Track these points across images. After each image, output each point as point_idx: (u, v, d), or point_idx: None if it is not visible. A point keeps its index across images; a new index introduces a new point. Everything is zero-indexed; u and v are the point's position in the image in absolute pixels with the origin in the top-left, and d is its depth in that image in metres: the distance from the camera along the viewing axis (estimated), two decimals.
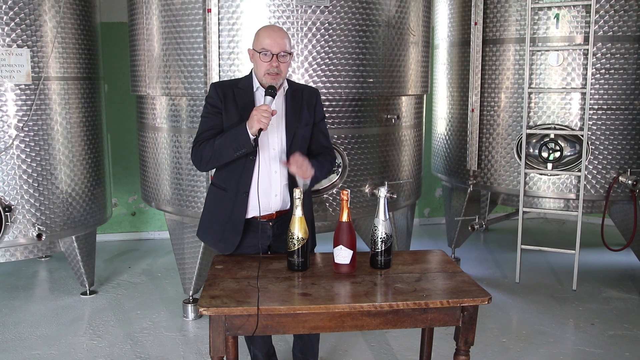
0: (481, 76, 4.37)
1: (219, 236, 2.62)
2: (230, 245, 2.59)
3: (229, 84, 2.60)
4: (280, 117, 2.55)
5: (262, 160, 2.51)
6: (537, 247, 4.58)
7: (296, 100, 2.59)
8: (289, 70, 2.57)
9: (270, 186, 2.55)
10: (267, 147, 2.53)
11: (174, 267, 4.67)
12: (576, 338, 3.58)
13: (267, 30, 2.50)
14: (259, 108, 2.34)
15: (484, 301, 2.12)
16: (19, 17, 3.60)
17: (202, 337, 3.59)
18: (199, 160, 2.52)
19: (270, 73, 2.44)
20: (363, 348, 3.44)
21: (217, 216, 2.62)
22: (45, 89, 3.78)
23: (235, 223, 2.56)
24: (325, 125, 2.73)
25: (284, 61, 2.46)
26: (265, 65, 2.45)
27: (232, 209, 2.56)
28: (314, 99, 2.65)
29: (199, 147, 2.50)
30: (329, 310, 2.07)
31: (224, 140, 2.43)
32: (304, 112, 2.59)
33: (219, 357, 2.13)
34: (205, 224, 2.69)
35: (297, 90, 2.63)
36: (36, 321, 3.83)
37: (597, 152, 4.10)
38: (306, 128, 2.60)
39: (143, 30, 3.75)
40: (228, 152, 2.42)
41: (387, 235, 2.36)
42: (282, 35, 2.47)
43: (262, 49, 2.44)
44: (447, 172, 4.85)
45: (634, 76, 4.02)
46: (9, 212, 3.68)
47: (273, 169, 2.55)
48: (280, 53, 2.44)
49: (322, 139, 2.68)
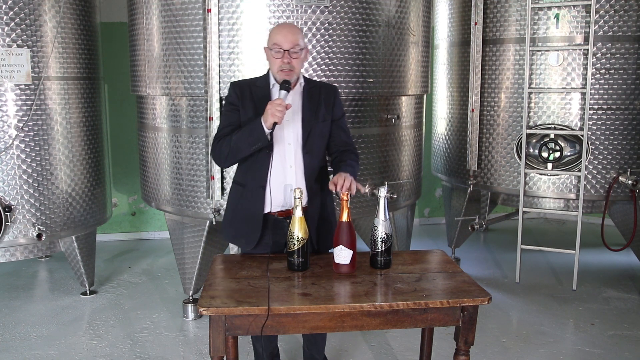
0: (481, 76, 4.37)
1: (239, 232, 2.65)
2: (250, 241, 2.61)
3: (246, 83, 2.65)
4: (297, 113, 2.56)
5: (277, 154, 2.53)
6: (537, 247, 4.58)
7: (313, 96, 2.60)
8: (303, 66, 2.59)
9: (285, 180, 2.56)
10: (282, 141, 2.54)
11: (174, 267, 4.67)
12: (576, 338, 3.58)
13: (279, 27, 2.53)
14: (273, 102, 2.37)
15: (484, 301, 2.12)
16: (19, 17, 3.60)
17: (202, 337, 3.59)
18: (218, 156, 2.57)
19: (283, 69, 2.47)
20: (363, 348, 3.44)
21: (237, 213, 2.65)
22: (45, 89, 3.78)
23: (253, 219, 2.59)
24: (345, 122, 2.73)
25: (296, 57, 2.47)
26: (277, 62, 2.47)
27: (250, 204, 2.59)
28: (332, 95, 2.66)
29: (218, 143, 2.55)
30: (329, 310, 2.07)
31: (241, 136, 2.47)
32: (321, 109, 2.60)
33: (219, 357, 2.13)
34: (228, 221, 2.72)
35: (315, 87, 2.64)
36: (36, 321, 3.83)
37: (597, 152, 4.10)
38: (324, 124, 2.61)
39: (143, 30, 3.75)
40: (245, 146, 2.46)
41: (387, 235, 2.36)
42: (293, 31, 2.49)
43: (273, 45, 2.47)
44: (447, 172, 4.85)
45: (634, 76, 4.01)
46: (9, 212, 3.68)
47: (288, 164, 2.56)
48: (291, 49, 2.45)
49: (343, 135, 2.69)
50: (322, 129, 2.61)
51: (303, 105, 2.58)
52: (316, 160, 2.59)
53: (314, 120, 2.57)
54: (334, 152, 2.67)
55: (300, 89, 2.60)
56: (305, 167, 2.56)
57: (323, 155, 2.67)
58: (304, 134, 2.56)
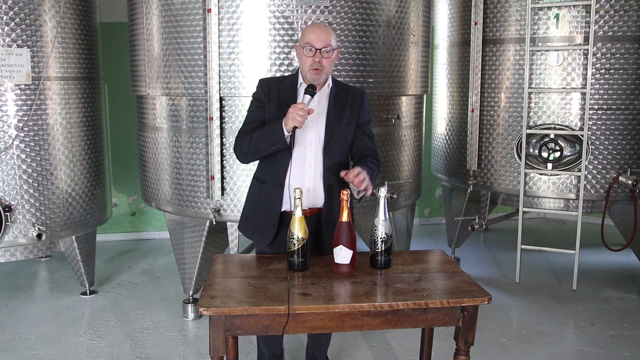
0: (481, 76, 4.37)
1: (256, 228, 2.66)
2: (266, 237, 2.62)
3: (274, 80, 2.66)
4: (321, 114, 2.57)
5: (297, 154, 2.54)
6: (537, 247, 4.58)
7: (340, 99, 2.60)
8: (333, 66, 2.59)
9: (304, 179, 2.56)
10: (304, 141, 2.55)
11: (174, 267, 4.67)
12: (576, 338, 3.58)
13: (312, 26, 2.54)
14: (295, 106, 2.37)
15: (484, 301, 2.12)
16: (19, 17, 3.60)
17: (202, 337, 3.59)
18: (239, 152, 2.59)
19: (315, 68, 2.47)
20: (363, 348, 3.44)
21: (256, 209, 2.66)
22: (45, 89, 3.78)
23: (271, 215, 2.59)
24: (370, 127, 2.71)
25: (327, 56, 2.48)
26: (308, 60, 2.48)
27: (268, 201, 2.60)
28: (360, 100, 2.65)
29: (240, 139, 2.57)
30: (329, 310, 2.07)
31: (261, 135, 2.48)
32: (346, 112, 2.59)
33: (219, 357, 2.13)
34: (246, 216, 2.73)
35: (343, 90, 2.64)
36: (36, 321, 3.83)
37: (597, 152, 4.10)
38: (347, 128, 2.60)
39: (143, 30, 3.75)
40: (264, 146, 2.48)
41: (387, 235, 2.36)
42: (326, 31, 2.49)
43: (305, 44, 2.48)
44: (447, 172, 4.85)
45: (634, 76, 4.01)
46: (9, 212, 3.68)
47: (307, 163, 2.56)
48: (323, 48, 2.46)
49: (367, 140, 2.67)
50: (345, 133, 2.60)
51: (328, 107, 2.58)
52: (336, 162, 2.58)
53: (337, 123, 2.57)
54: (356, 156, 2.66)
55: (327, 90, 2.60)
56: (324, 168, 2.56)
57: (344, 159, 2.65)
58: (326, 136, 2.56)
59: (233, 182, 3.52)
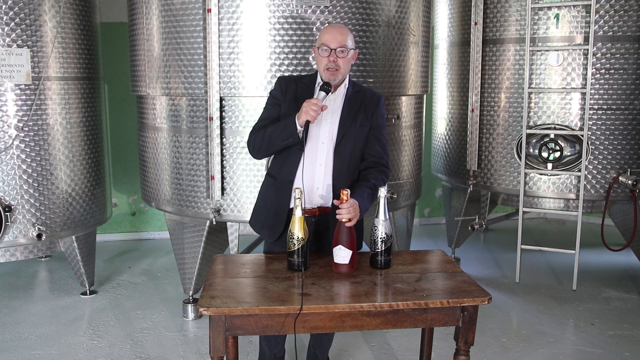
0: (481, 76, 4.37)
1: (265, 224, 2.67)
2: (273, 234, 2.63)
3: (293, 79, 2.69)
4: (335, 114, 2.57)
5: (309, 151, 2.54)
6: (537, 247, 4.58)
7: (355, 100, 2.61)
8: (349, 67, 2.59)
9: (314, 178, 2.56)
10: (317, 139, 2.55)
11: (174, 267, 4.67)
12: (576, 338, 3.58)
13: (328, 27, 2.56)
14: (309, 101, 2.39)
15: (484, 301, 2.12)
16: (19, 17, 3.60)
17: (202, 337, 3.59)
18: (251, 147, 2.62)
19: (329, 68, 2.49)
20: (363, 348, 3.44)
21: (265, 204, 2.68)
22: (45, 89, 3.78)
23: (279, 212, 2.60)
24: (383, 133, 2.68)
25: (343, 57, 2.49)
26: (324, 61, 2.50)
27: (277, 197, 2.61)
28: (375, 103, 2.64)
29: (254, 135, 2.59)
30: (329, 310, 2.07)
31: (274, 129, 2.50)
32: (360, 114, 2.59)
33: (219, 357, 2.13)
34: (256, 211, 2.74)
35: (359, 92, 2.64)
36: (36, 321, 3.83)
37: (597, 152, 4.10)
38: (360, 130, 2.60)
39: (143, 30, 3.75)
40: (277, 140, 2.50)
41: (387, 235, 2.36)
42: (342, 32, 2.50)
43: (321, 44, 2.50)
44: (447, 172, 4.85)
45: (634, 76, 4.01)
46: (9, 212, 3.68)
47: (318, 162, 2.56)
48: (338, 48, 2.47)
49: (378, 146, 2.64)
50: (357, 134, 2.59)
51: (343, 108, 2.58)
52: (346, 163, 2.58)
53: (350, 124, 2.57)
54: (365, 161, 2.64)
55: (343, 90, 2.60)
56: (334, 167, 2.56)
57: (355, 160, 2.62)
58: (338, 136, 2.56)
59: (233, 182, 3.52)
